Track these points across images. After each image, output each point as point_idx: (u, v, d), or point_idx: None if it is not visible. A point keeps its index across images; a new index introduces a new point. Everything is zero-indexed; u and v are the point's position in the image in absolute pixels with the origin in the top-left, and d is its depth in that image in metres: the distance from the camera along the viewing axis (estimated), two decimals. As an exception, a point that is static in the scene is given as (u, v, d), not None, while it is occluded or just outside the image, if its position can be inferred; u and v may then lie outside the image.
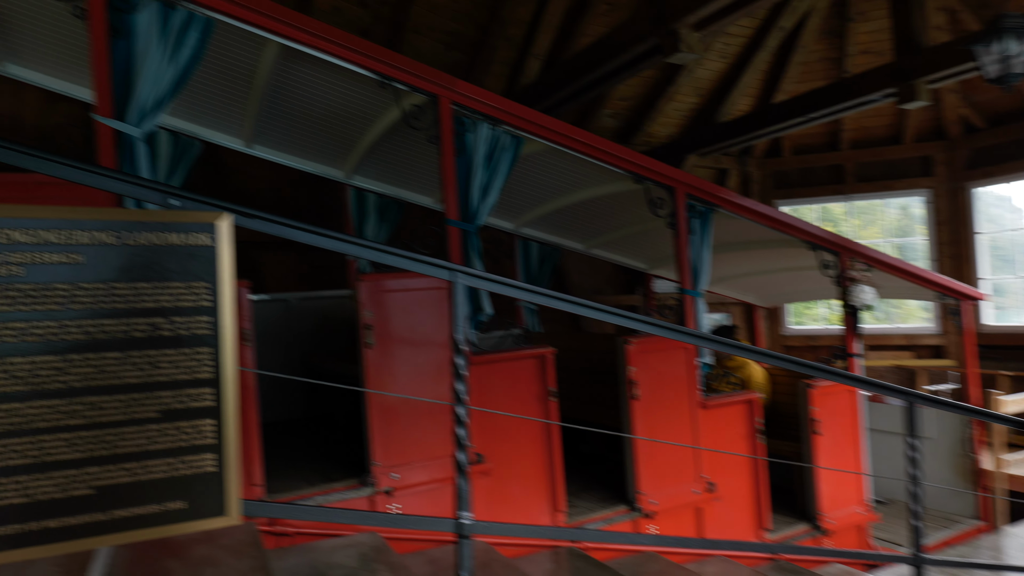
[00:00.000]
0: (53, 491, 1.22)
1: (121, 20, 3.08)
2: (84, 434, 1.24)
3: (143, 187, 1.28)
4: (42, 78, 4.91)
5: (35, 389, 1.21)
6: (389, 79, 3.61)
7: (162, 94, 3.17)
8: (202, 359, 1.31)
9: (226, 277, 1.33)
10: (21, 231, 1.20)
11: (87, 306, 1.24)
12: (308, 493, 3.36)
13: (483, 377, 3.62)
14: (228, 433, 1.33)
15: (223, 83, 4.40)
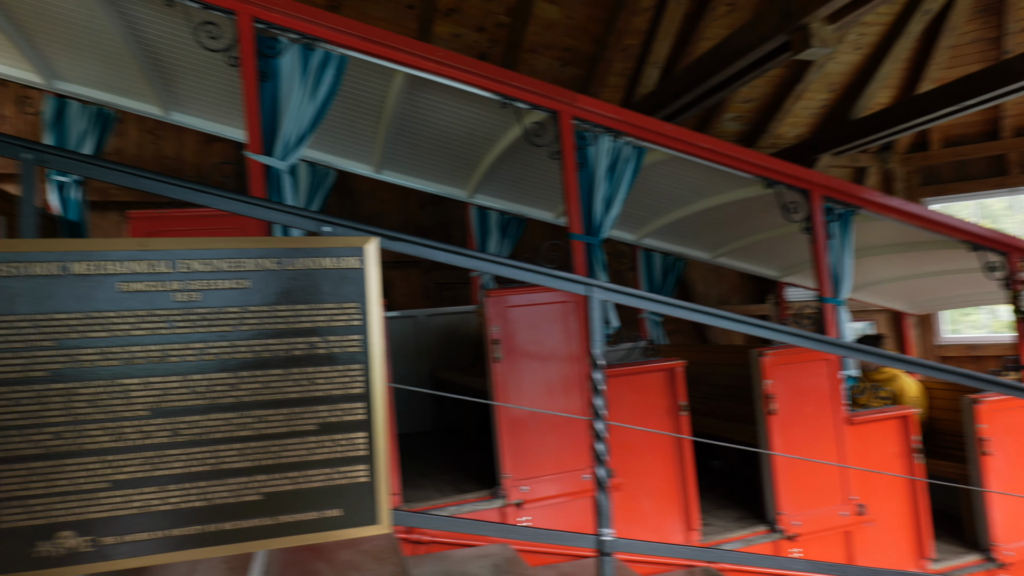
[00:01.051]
0: (228, 496, 1.34)
1: (268, 65, 3.38)
2: (253, 445, 1.35)
3: (300, 216, 1.39)
4: (200, 122, 5.47)
5: (212, 403, 1.34)
6: (510, 99, 3.69)
7: (304, 129, 3.43)
8: (354, 375, 1.39)
9: (374, 297, 1.41)
10: (199, 261, 1.34)
11: (254, 327, 1.35)
12: (441, 503, 3.47)
13: (610, 390, 3.58)
14: (378, 445, 1.41)
15: (354, 115, 4.70)
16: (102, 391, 1.30)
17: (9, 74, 5.06)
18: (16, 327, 1.28)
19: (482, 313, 3.59)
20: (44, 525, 1.28)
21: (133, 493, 1.30)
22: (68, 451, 1.29)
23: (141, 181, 1.35)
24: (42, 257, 1.30)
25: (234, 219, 3.24)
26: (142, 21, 4.08)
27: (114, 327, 1.31)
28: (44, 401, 1.28)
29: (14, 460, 1.28)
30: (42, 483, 1.28)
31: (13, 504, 1.28)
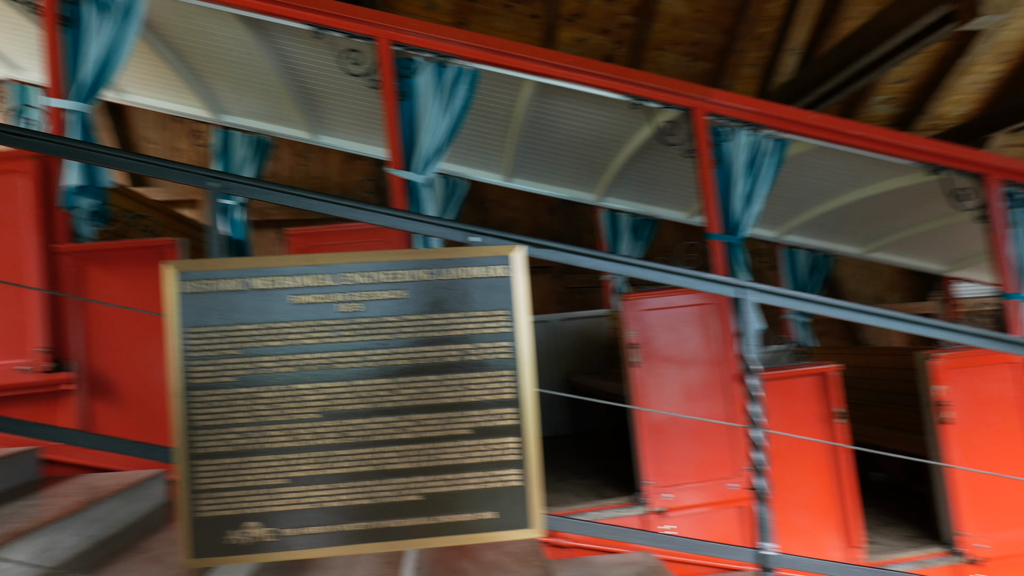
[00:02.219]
0: (391, 495, 1.41)
1: (405, 84, 3.55)
2: (412, 447, 1.42)
3: (451, 228, 1.44)
4: (343, 143, 5.86)
5: (375, 407, 1.42)
6: (640, 99, 3.63)
7: (440, 143, 3.57)
8: (505, 381, 1.43)
9: (522, 305, 1.43)
10: (361, 274, 1.43)
11: (410, 335, 1.42)
12: (582, 508, 3.46)
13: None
14: (530, 450, 1.43)
15: (484, 126, 4.84)
16: (279, 395, 1.42)
17: (184, 111, 5.70)
18: (208, 337, 1.43)
19: (616, 317, 3.55)
20: (233, 516, 1.42)
21: (308, 489, 1.41)
22: (252, 449, 1.42)
23: (305, 201, 1.46)
24: (228, 274, 1.44)
25: (378, 232, 3.44)
26: (293, 54, 4.44)
27: (288, 336, 1.43)
28: (232, 404, 1.42)
29: (208, 456, 1.43)
30: (231, 477, 1.42)
31: (207, 496, 1.43)
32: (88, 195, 3.44)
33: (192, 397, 1.43)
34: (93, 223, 3.53)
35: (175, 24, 4.29)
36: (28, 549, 2.18)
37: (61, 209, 3.42)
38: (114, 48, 3.50)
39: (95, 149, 1.47)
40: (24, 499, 2.72)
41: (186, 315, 1.44)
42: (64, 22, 3.48)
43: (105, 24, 3.48)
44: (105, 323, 3.42)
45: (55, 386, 3.35)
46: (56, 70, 3.45)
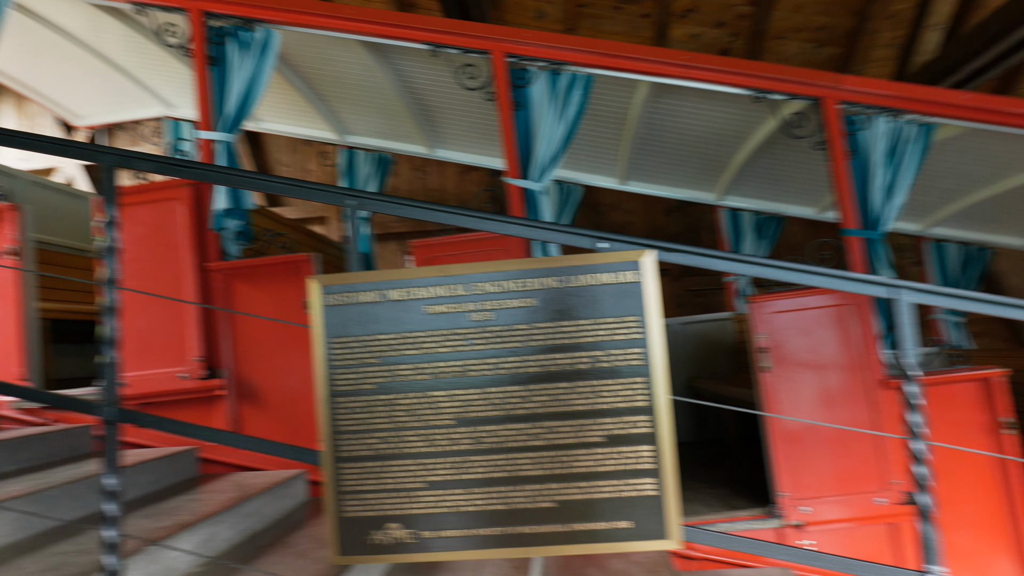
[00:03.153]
0: (525, 502, 1.42)
1: (520, 95, 3.60)
2: (545, 454, 1.42)
3: (578, 235, 1.44)
4: (459, 155, 6.03)
5: (507, 414, 1.44)
6: (764, 92, 3.47)
7: (556, 150, 3.58)
8: (637, 388, 1.40)
9: (653, 310, 1.40)
10: (491, 283, 1.46)
11: (541, 343, 1.43)
12: (711, 519, 3.33)
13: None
14: (665, 459, 1.39)
15: (598, 130, 4.80)
16: (416, 402, 1.47)
17: (313, 135, 6.09)
18: (349, 347, 1.51)
19: (741, 320, 3.40)
20: (376, 516, 1.49)
21: (445, 493, 1.45)
22: (392, 453, 1.48)
23: (437, 214, 1.51)
24: (367, 287, 1.52)
25: (497, 241, 3.50)
26: (411, 73, 4.63)
27: (423, 345, 1.48)
28: (372, 410, 1.49)
29: (352, 460, 1.51)
30: (373, 480, 1.49)
31: (352, 497, 1.50)
32: (234, 217, 3.76)
33: (336, 403, 1.51)
34: (239, 242, 3.85)
35: (304, 54, 4.60)
36: (193, 539, 2.40)
37: (212, 231, 3.75)
38: (254, 82, 3.80)
39: (249, 175, 1.59)
40: (186, 494, 3.00)
41: (329, 326, 1.52)
42: (211, 61, 3.83)
43: (245, 61, 3.78)
44: (250, 334, 3.71)
45: (210, 391, 3.68)
46: (205, 105, 3.80)
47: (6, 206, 3.89)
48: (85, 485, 2.68)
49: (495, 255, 3.42)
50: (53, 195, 5.18)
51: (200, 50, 3.79)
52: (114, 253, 1.65)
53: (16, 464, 2.98)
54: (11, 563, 2.11)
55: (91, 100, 5.97)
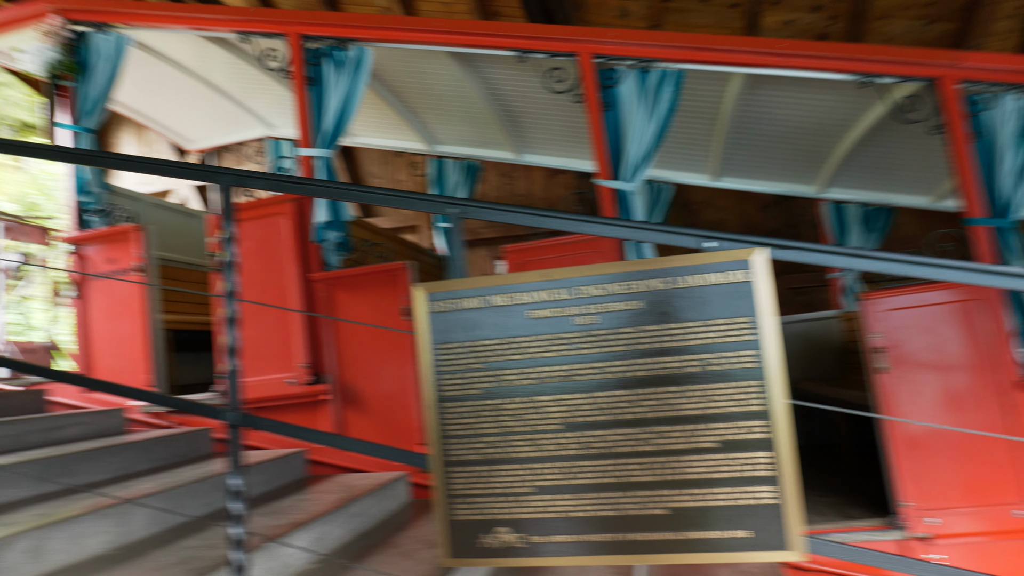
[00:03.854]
0: (636, 508, 1.40)
1: (609, 95, 3.56)
2: (655, 460, 1.39)
3: (683, 235, 1.40)
4: (546, 159, 6.03)
5: (615, 419, 1.42)
6: (871, 76, 3.27)
7: (647, 149, 3.52)
8: (751, 392, 1.34)
9: (766, 311, 1.34)
10: (595, 286, 1.44)
11: (648, 346, 1.40)
12: (825, 529, 3.16)
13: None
14: (784, 466, 1.33)
15: (688, 126, 4.68)
16: (522, 407, 1.48)
17: (403, 146, 6.27)
18: (455, 353, 1.54)
19: (849, 318, 3.21)
20: (485, 520, 1.50)
21: (553, 499, 1.45)
22: (499, 458, 1.49)
23: (537, 219, 1.51)
24: (470, 293, 1.54)
25: (589, 243, 3.47)
26: (497, 81, 4.69)
27: (528, 350, 1.48)
28: (479, 415, 1.51)
29: (460, 464, 1.53)
30: (481, 484, 1.50)
31: (461, 501, 1.52)
32: (334, 228, 3.92)
33: (444, 408, 1.54)
34: (338, 253, 4.02)
35: (394, 69, 4.74)
36: (306, 537, 2.51)
37: (313, 243, 3.93)
38: (349, 98, 3.95)
39: (355, 188, 1.65)
40: (297, 494, 3.15)
41: (435, 332, 1.55)
42: (309, 82, 4.01)
43: (341, 79, 3.95)
44: (351, 340, 3.86)
45: (315, 396, 3.85)
46: (305, 123, 3.98)
47: (132, 227, 4.24)
48: (208, 484, 2.86)
49: (588, 258, 3.40)
50: (171, 215, 5.59)
51: (299, 71, 3.99)
52: (233, 267, 1.75)
53: (148, 463, 3.22)
54: (147, 555, 2.28)
55: (200, 125, 6.41)
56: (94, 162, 1.93)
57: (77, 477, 2.77)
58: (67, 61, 4.27)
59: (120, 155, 1.83)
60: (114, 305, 4.29)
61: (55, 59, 4.23)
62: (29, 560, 2.04)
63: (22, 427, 3.14)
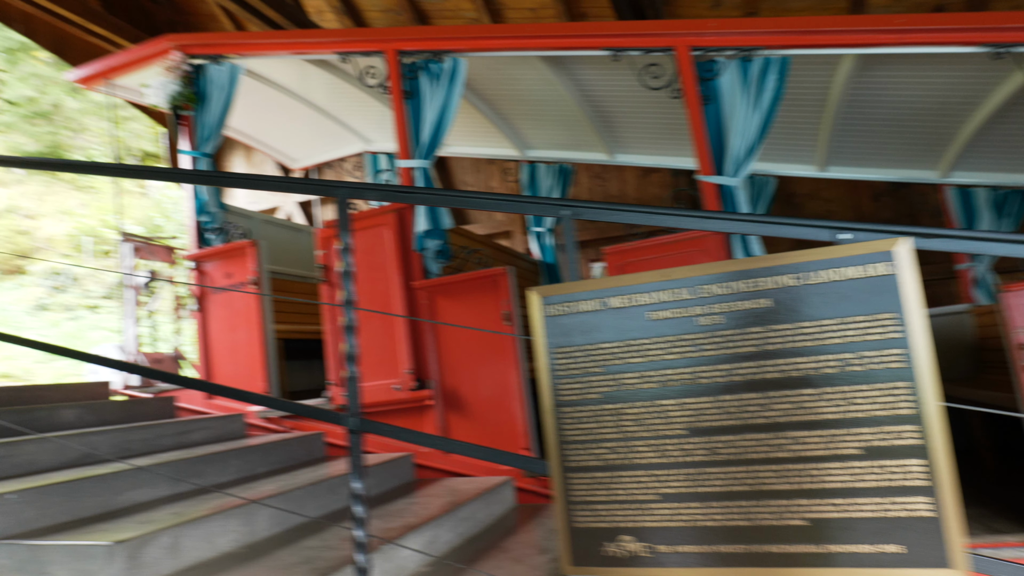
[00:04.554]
0: (770, 518, 1.32)
1: (708, 88, 3.44)
2: (791, 467, 1.31)
3: (813, 227, 1.32)
4: (639, 158, 5.92)
5: (744, 423, 1.35)
6: (1006, 46, 2.99)
7: (752, 141, 3.37)
8: (899, 394, 1.24)
9: (913, 306, 1.24)
10: (718, 285, 1.38)
11: (779, 346, 1.32)
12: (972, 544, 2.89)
13: None
14: (940, 475, 1.21)
15: (793, 116, 4.46)
16: (644, 411, 1.43)
17: (495, 153, 6.33)
18: (573, 357, 1.51)
19: (982, 312, 2.93)
20: (608, 528, 1.46)
21: (679, 507, 1.39)
22: (622, 464, 1.45)
23: (657, 218, 1.46)
24: (586, 296, 1.51)
25: (694, 242, 3.36)
26: (590, 82, 4.64)
27: (649, 353, 1.44)
28: (599, 419, 1.48)
29: (580, 470, 1.50)
30: (603, 491, 1.47)
31: (582, 508, 1.49)
32: (433, 237, 4.00)
33: (562, 413, 1.51)
34: (438, 260, 4.09)
35: (486, 77, 4.80)
36: (419, 540, 2.56)
37: (415, 251, 4.02)
38: (445, 109, 4.02)
39: (466, 195, 1.67)
40: (406, 497, 3.22)
41: (551, 336, 1.54)
42: (406, 96, 4.12)
43: (437, 91, 4.03)
44: (453, 346, 3.92)
45: (420, 402, 3.93)
46: (403, 136, 4.09)
47: (247, 243, 4.49)
48: (324, 486, 2.97)
49: (693, 257, 3.29)
50: (279, 230, 5.90)
51: (396, 86, 4.10)
52: (350, 276, 1.80)
53: (266, 466, 3.38)
54: (272, 554, 2.39)
55: (303, 144, 6.73)
56: (222, 182, 2.05)
57: (205, 478, 2.94)
58: (187, 92, 4.59)
59: (245, 175, 1.93)
60: (232, 316, 4.57)
61: (176, 91, 4.56)
62: (168, 556, 2.18)
63: (156, 431, 3.37)
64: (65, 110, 19.46)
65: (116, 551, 1.99)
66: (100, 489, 2.54)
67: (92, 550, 2.02)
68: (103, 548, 1.99)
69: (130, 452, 3.14)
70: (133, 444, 3.21)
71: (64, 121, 19.59)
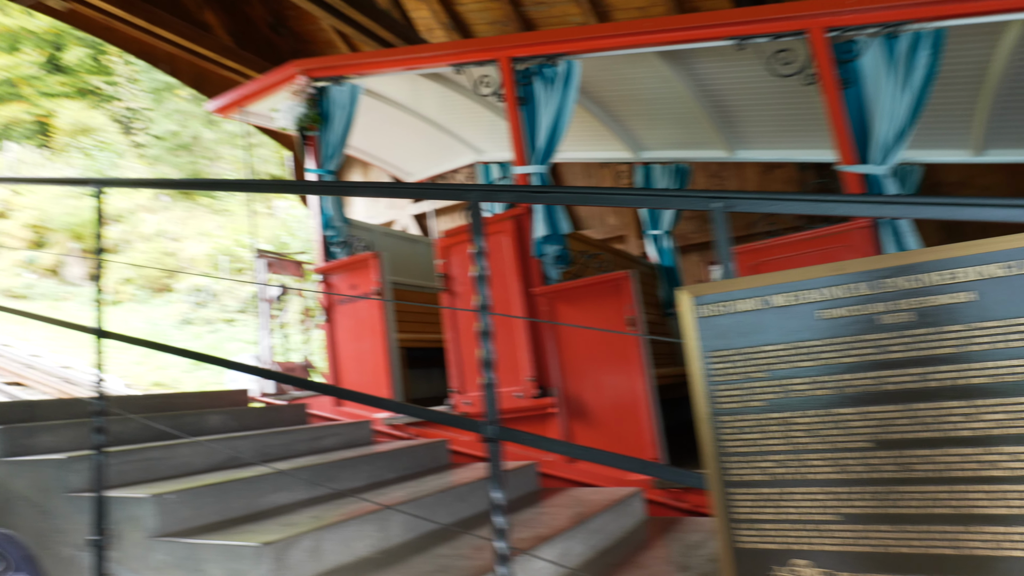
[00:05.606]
0: (985, 547, 1.14)
1: (847, 70, 3.18)
2: (1009, 488, 1.12)
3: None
4: (762, 154, 5.61)
5: (945, 436, 1.18)
6: None
7: (902, 124, 3.07)
8: None
9: None
10: (905, 278, 1.21)
11: (987, 346, 1.14)
12: None
13: None
14: None
15: (943, 96, 4.04)
16: (818, 421, 1.29)
17: (608, 157, 6.21)
18: (731, 360, 1.39)
19: None
20: (778, 550, 1.32)
21: (866, 529, 1.23)
22: (792, 479, 1.31)
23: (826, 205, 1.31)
24: (743, 294, 1.39)
25: (835, 238, 3.10)
26: (709, 75, 4.44)
27: (821, 355, 1.29)
28: (764, 429, 1.34)
29: (743, 485, 1.37)
30: (771, 508, 1.33)
31: (746, 526, 1.36)
32: (552, 243, 3.94)
33: (720, 422, 1.39)
34: (558, 266, 4.03)
35: (598, 79, 4.70)
36: (551, 552, 2.48)
37: (533, 258, 3.99)
38: (560, 113, 3.97)
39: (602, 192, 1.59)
40: (533, 507, 3.16)
41: (705, 339, 1.42)
42: (520, 102, 4.11)
43: (552, 95, 3.98)
44: (575, 353, 3.84)
45: (543, 409, 3.88)
46: (519, 142, 4.08)
47: (370, 255, 4.64)
48: (452, 494, 2.96)
49: (836, 254, 3.03)
50: (398, 242, 6.07)
51: (510, 93, 4.10)
52: (484, 280, 1.77)
53: (394, 472, 3.44)
54: (407, 561, 2.39)
55: (416, 157, 6.91)
56: (361, 193, 2.10)
57: (339, 483, 3.02)
58: (312, 114, 4.82)
59: (382, 184, 1.96)
60: (357, 326, 4.72)
61: (302, 113, 4.80)
62: (310, 559, 2.23)
63: (292, 436, 3.52)
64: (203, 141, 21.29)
65: (264, 552, 2.06)
66: (246, 491, 2.66)
67: (242, 550, 2.10)
68: (252, 549, 2.07)
69: (270, 456, 3.29)
70: (272, 448, 3.37)
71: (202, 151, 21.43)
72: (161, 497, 2.33)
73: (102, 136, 20.74)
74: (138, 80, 20.60)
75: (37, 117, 20.67)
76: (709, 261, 6.95)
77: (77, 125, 20.62)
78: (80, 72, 21.35)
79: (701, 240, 7.11)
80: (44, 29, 19.88)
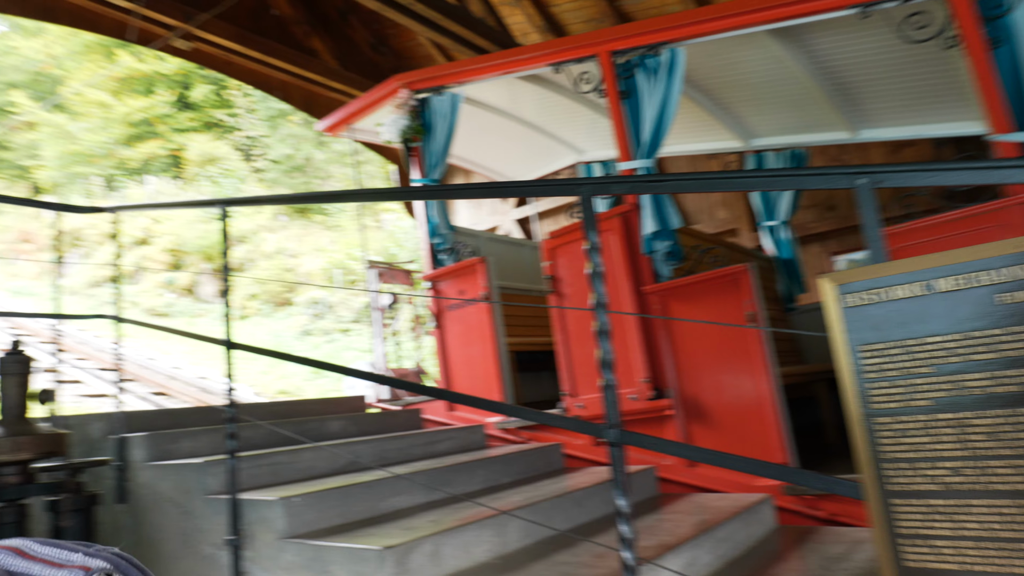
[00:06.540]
0: None
1: (996, 27, 2.83)
2: None
3: None
4: (891, 132, 5.15)
5: None
6: None
7: (1067, 83, 2.70)
8: None
9: None
10: None
11: None
12: None
13: None
14: None
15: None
16: (1002, 422, 1.11)
17: (715, 147, 5.94)
18: (887, 355, 1.23)
19: None
20: (957, 572, 1.15)
21: (1072, 551, 1.04)
22: (971, 490, 1.14)
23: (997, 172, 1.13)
24: (900, 279, 1.23)
25: (987, 216, 2.77)
26: (827, 51, 4.13)
27: (1002, 347, 1.11)
28: (932, 432, 1.18)
29: (907, 495, 1.21)
30: (946, 523, 1.16)
31: (914, 543, 1.20)
32: (662, 239, 3.79)
33: (876, 424, 1.23)
34: (669, 263, 3.87)
35: (702, 65, 4.49)
36: (677, 561, 2.35)
37: (643, 255, 3.85)
38: (665, 104, 3.82)
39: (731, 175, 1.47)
40: (653, 513, 3.02)
41: (853, 331, 1.27)
42: (623, 96, 3.99)
43: (656, 86, 3.84)
44: (691, 353, 3.66)
45: (659, 411, 3.72)
46: (623, 137, 3.96)
47: (476, 260, 4.67)
48: (568, 499, 2.89)
49: (989, 234, 2.70)
50: (503, 247, 6.09)
51: (612, 87, 3.99)
52: (600, 278, 1.69)
53: (509, 476, 3.40)
54: (527, 567, 2.34)
55: (516, 162, 6.91)
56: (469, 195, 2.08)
57: (454, 487, 3.02)
58: (415, 125, 4.92)
59: (495, 184, 1.93)
60: (466, 332, 4.76)
61: (406, 125, 4.91)
62: (430, 563, 2.23)
63: (407, 441, 3.57)
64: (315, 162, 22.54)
65: (386, 556, 2.08)
66: (367, 495, 2.71)
67: (366, 553, 2.12)
68: (375, 552, 2.09)
69: (387, 460, 3.35)
70: (389, 453, 3.43)
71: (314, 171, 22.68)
72: (289, 500, 2.41)
73: (226, 164, 22.45)
74: (255, 109, 22.13)
75: (171, 151, 22.71)
76: (832, 251, 6.48)
77: (205, 156, 22.44)
78: (206, 107, 23.25)
79: (821, 229, 6.65)
80: (173, 71, 21.82)
